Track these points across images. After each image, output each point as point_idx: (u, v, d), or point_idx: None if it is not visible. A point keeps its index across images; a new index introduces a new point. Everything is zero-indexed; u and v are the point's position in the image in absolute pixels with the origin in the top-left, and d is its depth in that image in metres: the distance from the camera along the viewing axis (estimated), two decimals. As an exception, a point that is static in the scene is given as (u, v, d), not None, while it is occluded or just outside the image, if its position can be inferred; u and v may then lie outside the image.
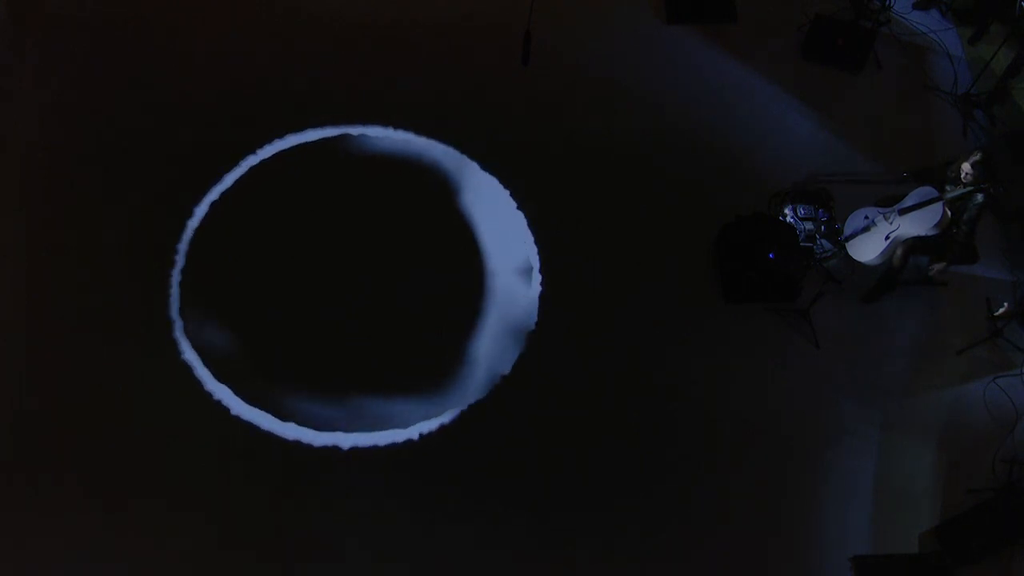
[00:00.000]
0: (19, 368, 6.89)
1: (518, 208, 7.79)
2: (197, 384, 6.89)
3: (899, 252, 7.04)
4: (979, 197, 6.73)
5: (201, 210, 7.58)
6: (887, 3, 8.68)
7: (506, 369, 7.10)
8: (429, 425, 6.85)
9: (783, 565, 6.56)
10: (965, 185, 6.75)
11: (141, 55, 8.32)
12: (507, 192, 7.85)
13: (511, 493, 6.68)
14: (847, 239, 7.24)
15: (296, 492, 6.58)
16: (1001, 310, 7.40)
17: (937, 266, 7.04)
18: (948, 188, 6.89)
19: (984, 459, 6.87)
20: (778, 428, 7.00)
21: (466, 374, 7.07)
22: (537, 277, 7.50)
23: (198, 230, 7.49)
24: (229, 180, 7.73)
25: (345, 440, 6.76)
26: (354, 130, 8.03)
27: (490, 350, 7.18)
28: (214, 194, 7.65)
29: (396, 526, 6.51)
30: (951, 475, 6.85)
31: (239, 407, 6.83)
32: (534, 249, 7.62)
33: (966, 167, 6.72)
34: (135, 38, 8.42)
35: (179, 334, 7.07)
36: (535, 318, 7.33)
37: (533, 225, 7.72)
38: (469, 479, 6.72)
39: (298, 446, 6.72)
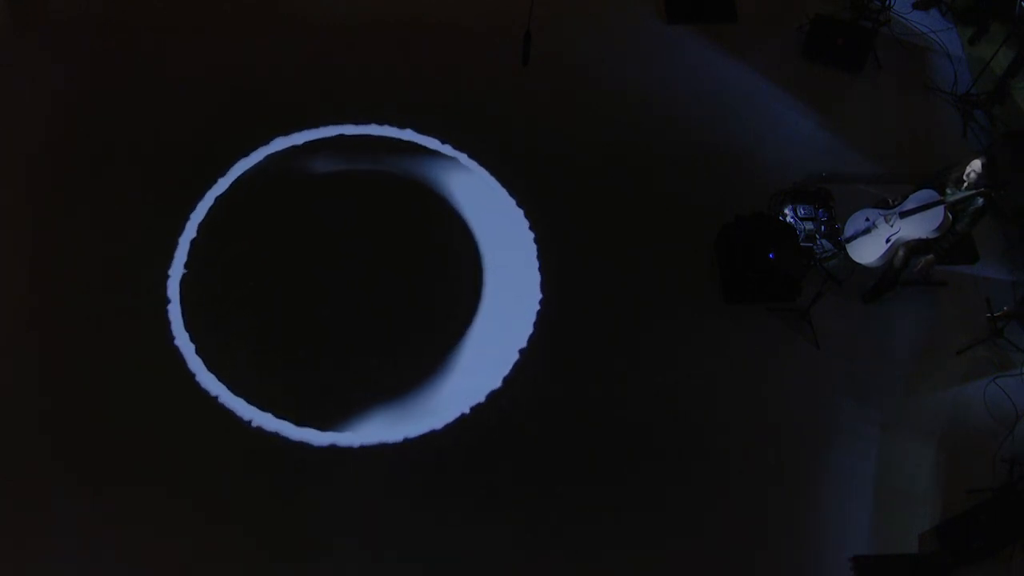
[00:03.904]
0: (19, 367, 6.89)
1: (518, 207, 7.79)
2: (197, 383, 6.89)
3: (900, 254, 7.04)
4: (979, 201, 6.73)
5: (201, 209, 7.58)
6: (887, 3, 8.68)
7: (506, 369, 7.10)
8: (430, 425, 6.86)
9: (783, 565, 6.57)
10: (967, 187, 6.74)
11: (141, 55, 8.32)
12: (507, 192, 7.85)
13: (511, 492, 6.68)
14: (847, 240, 7.24)
15: (298, 492, 6.58)
16: (999, 312, 7.40)
17: (925, 258, 7.01)
18: (949, 191, 6.88)
19: (984, 459, 6.88)
20: (778, 428, 7.00)
21: (466, 374, 7.07)
22: (537, 276, 7.50)
23: (198, 230, 7.49)
24: (229, 179, 7.73)
25: (344, 440, 6.76)
26: (354, 130, 8.03)
27: (490, 350, 7.18)
28: (214, 194, 7.65)
29: (397, 526, 6.51)
30: (951, 475, 6.85)
31: (240, 407, 6.84)
32: (534, 248, 7.62)
33: (971, 169, 6.69)
34: (135, 39, 8.41)
35: (179, 334, 7.07)
36: (535, 318, 7.33)
37: (533, 224, 7.72)
38: (471, 478, 6.72)
39: (298, 446, 6.72)
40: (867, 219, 7.14)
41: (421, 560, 6.43)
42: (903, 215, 6.90)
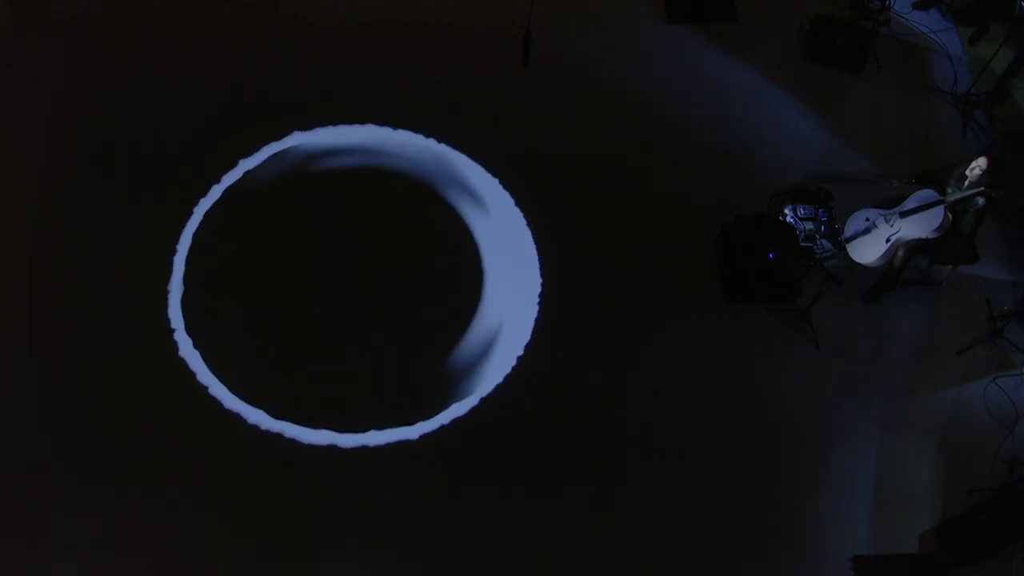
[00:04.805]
0: (19, 367, 6.88)
1: (517, 207, 7.79)
2: (196, 383, 6.89)
3: (900, 254, 7.05)
4: (979, 200, 6.73)
5: (201, 211, 7.58)
6: (887, 3, 8.68)
7: (506, 369, 7.10)
8: (430, 425, 6.86)
9: (783, 565, 6.57)
10: (969, 184, 6.73)
11: (141, 55, 8.31)
12: (506, 192, 7.85)
13: (511, 492, 6.68)
14: (847, 240, 7.24)
15: (298, 492, 6.58)
16: (1001, 311, 7.39)
17: (945, 271, 7.04)
18: (949, 191, 6.89)
19: (984, 459, 6.88)
20: (778, 428, 7.00)
21: (466, 374, 7.07)
22: (537, 277, 7.50)
23: (198, 231, 7.49)
24: (228, 180, 7.73)
25: (344, 440, 6.76)
26: (354, 131, 8.03)
27: (489, 350, 7.18)
28: (214, 195, 7.65)
29: (397, 526, 6.51)
30: (951, 475, 6.85)
31: (240, 407, 6.84)
32: (534, 248, 7.62)
33: (976, 165, 6.69)
34: (135, 39, 8.41)
35: (179, 333, 7.07)
36: (535, 318, 7.33)
37: (532, 224, 7.72)
38: (470, 478, 6.72)
39: (299, 446, 6.72)
40: (867, 219, 7.14)
41: (421, 560, 6.43)
42: (903, 215, 6.91)
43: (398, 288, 7.37)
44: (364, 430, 6.79)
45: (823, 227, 7.64)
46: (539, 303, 7.39)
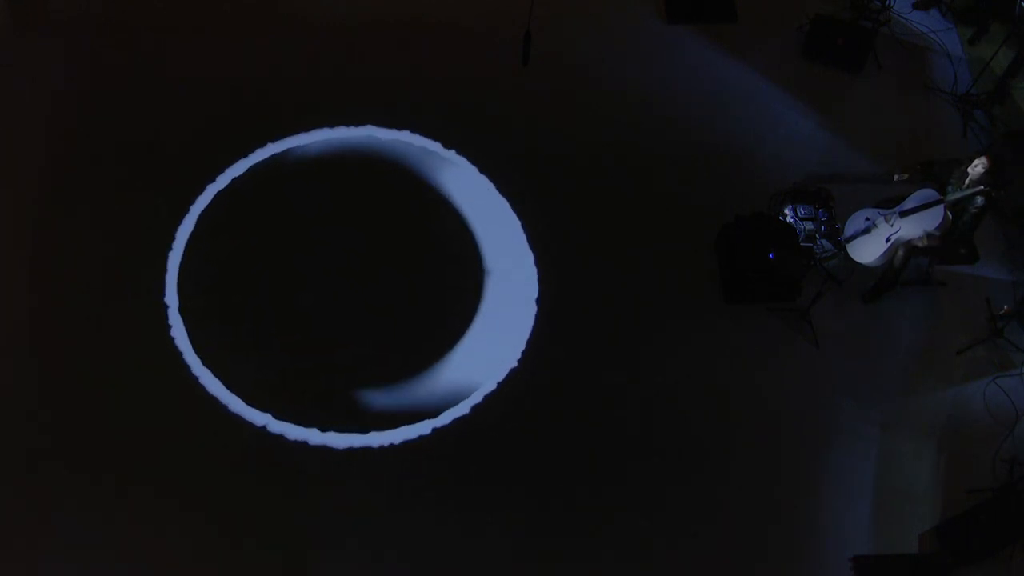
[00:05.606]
0: (19, 367, 6.88)
1: (516, 208, 7.79)
2: (197, 383, 6.89)
3: (900, 254, 7.04)
4: (979, 200, 6.72)
5: (198, 210, 7.57)
6: (887, 3, 8.69)
7: (506, 369, 7.10)
8: (430, 425, 6.85)
9: (783, 565, 6.57)
10: (970, 181, 6.73)
11: (141, 55, 8.31)
12: (505, 193, 7.84)
13: (511, 492, 6.68)
14: (847, 240, 7.24)
15: (298, 492, 6.58)
16: (1001, 311, 7.39)
17: (924, 263, 7.02)
18: (949, 190, 6.88)
19: (984, 459, 6.88)
20: (778, 428, 7.00)
21: (466, 373, 7.07)
22: (536, 277, 7.50)
23: (196, 231, 7.49)
24: (228, 179, 7.72)
25: (345, 441, 6.76)
26: (354, 131, 8.03)
27: (490, 350, 7.18)
28: (213, 194, 7.64)
29: (397, 526, 6.51)
30: (951, 475, 6.85)
31: (240, 406, 6.84)
32: (533, 248, 7.62)
33: (978, 162, 6.68)
34: (135, 39, 8.41)
35: (179, 334, 7.07)
36: (535, 317, 7.33)
37: (531, 225, 7.72)
38: (470, 478, 6.72)
39: (299, 446, 6.72)
40: (867, 219, 7.14)
41: (421, 561, 6.42)
42: (903, 214, 6.91)
43: (399, 288, 7.37)
44: (364, 430, 6.79)
45: (823, 227, 7.64)
46: (539, 303, 7.39)
